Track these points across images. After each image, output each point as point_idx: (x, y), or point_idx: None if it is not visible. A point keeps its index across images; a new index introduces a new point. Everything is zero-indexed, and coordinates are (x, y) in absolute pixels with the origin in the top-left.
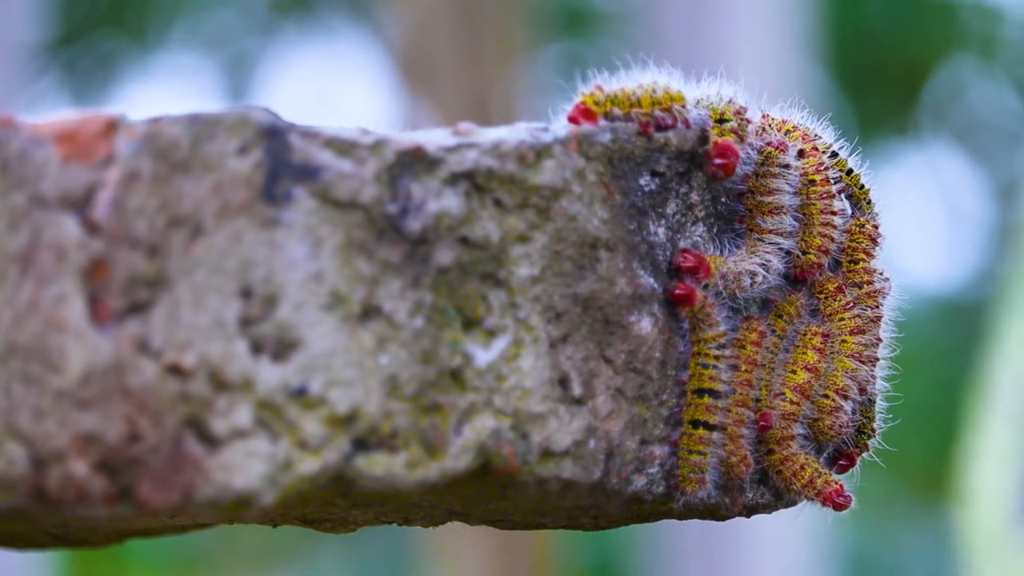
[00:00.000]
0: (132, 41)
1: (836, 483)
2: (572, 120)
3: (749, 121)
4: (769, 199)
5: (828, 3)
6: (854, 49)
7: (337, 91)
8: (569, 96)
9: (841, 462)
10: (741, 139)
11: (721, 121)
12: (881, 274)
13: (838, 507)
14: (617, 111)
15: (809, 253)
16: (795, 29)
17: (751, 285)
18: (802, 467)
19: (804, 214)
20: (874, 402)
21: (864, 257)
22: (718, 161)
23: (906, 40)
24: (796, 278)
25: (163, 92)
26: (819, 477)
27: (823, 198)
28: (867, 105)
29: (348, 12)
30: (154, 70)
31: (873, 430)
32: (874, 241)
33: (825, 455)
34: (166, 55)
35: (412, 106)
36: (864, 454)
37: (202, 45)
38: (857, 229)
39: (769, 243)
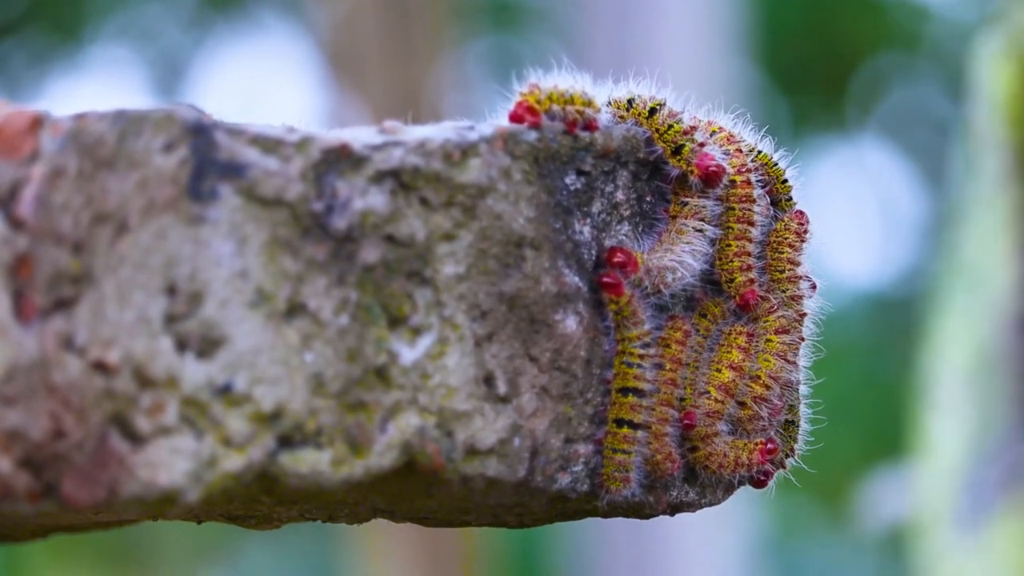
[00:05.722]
0: (63, 36)
1: (759, 443)
2: (516, 117)
3: (696, 138)
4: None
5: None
6: (783, 45)
7: (266, 86)
8: (504, 95)
9: (759, 478)
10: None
11: (676, 152)
12: (805, 270)
13: (767, 474)
14: (556, 108)
15: (728, 266)
16: (724, 24)
17: (673, 280)
18: (725, 455)
19: (723, 215)
20: (797, 424)
21: (789, 251)
22: (711, 170)
23: (834, 35)
24: (738, 307)
25: (93, 87)
26: (743, 452)
27: (742, 201)
28: (797, 100)
29: (277, 6)
30: (84, 65)
31: (793, 450)
32: (800, 236)
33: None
34: (96, 50)
35: (340, 101)
36: (780, 471)
37: (132, 40)
38: (783, 227)
39: (690, 239)
